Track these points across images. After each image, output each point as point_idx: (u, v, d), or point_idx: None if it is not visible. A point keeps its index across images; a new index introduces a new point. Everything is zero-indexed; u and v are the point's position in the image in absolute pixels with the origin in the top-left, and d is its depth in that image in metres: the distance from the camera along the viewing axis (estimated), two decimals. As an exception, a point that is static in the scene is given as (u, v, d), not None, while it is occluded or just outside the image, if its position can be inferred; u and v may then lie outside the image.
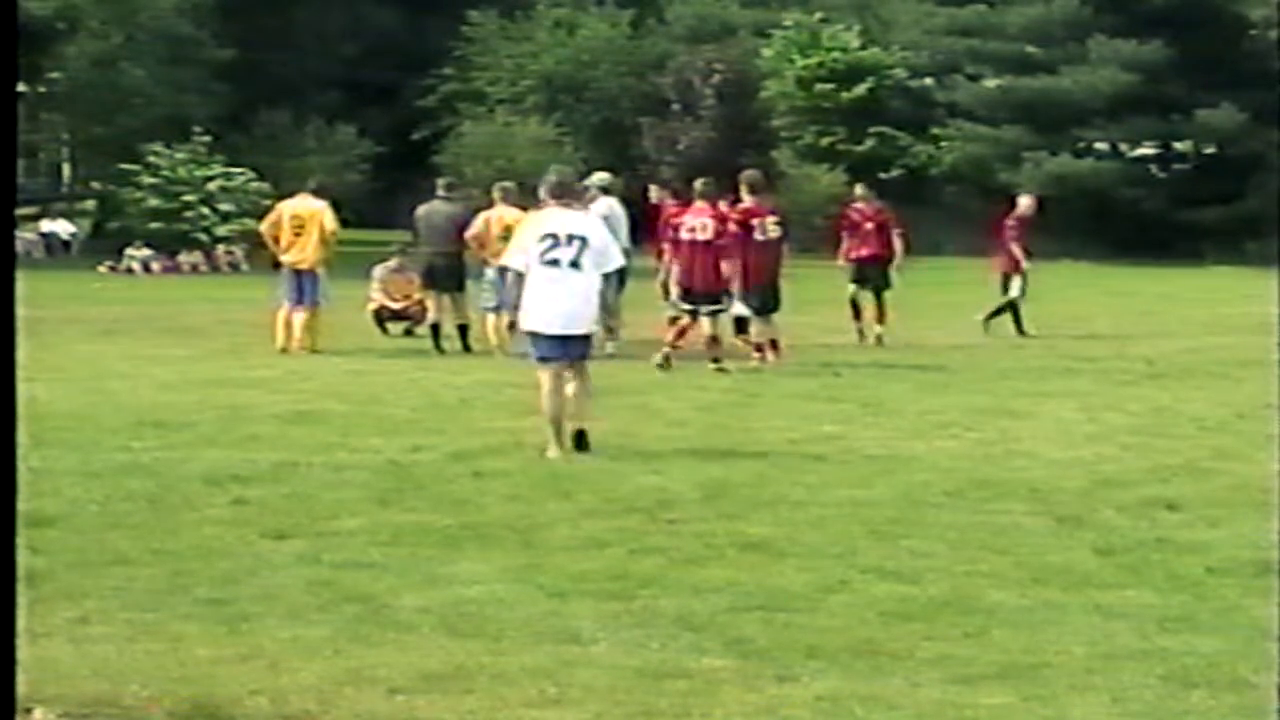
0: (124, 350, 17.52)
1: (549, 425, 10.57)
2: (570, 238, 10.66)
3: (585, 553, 7.58)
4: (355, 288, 20.02)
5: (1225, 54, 46.12)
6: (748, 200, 16.87)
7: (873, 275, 19.05)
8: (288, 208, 17.75)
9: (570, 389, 10.66)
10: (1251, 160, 43.94)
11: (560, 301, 10.57)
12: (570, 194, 11.30)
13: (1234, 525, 8.25)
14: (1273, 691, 5.32)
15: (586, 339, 10.88)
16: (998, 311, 20.22)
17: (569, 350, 10.66)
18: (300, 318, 17.17)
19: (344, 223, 18.59)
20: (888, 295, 19.04)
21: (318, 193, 17.98)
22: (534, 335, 10.66)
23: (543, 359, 10.65)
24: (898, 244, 19.29)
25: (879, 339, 18.65)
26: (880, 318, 18.88)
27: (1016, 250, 20.17)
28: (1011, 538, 7.96)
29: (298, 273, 17.23)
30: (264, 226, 18.07)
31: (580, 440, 10.64)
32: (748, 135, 47.93)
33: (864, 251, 19.13)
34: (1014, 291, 20.21)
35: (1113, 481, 9.60)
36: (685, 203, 16.93)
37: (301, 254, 17.24)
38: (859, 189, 20.85)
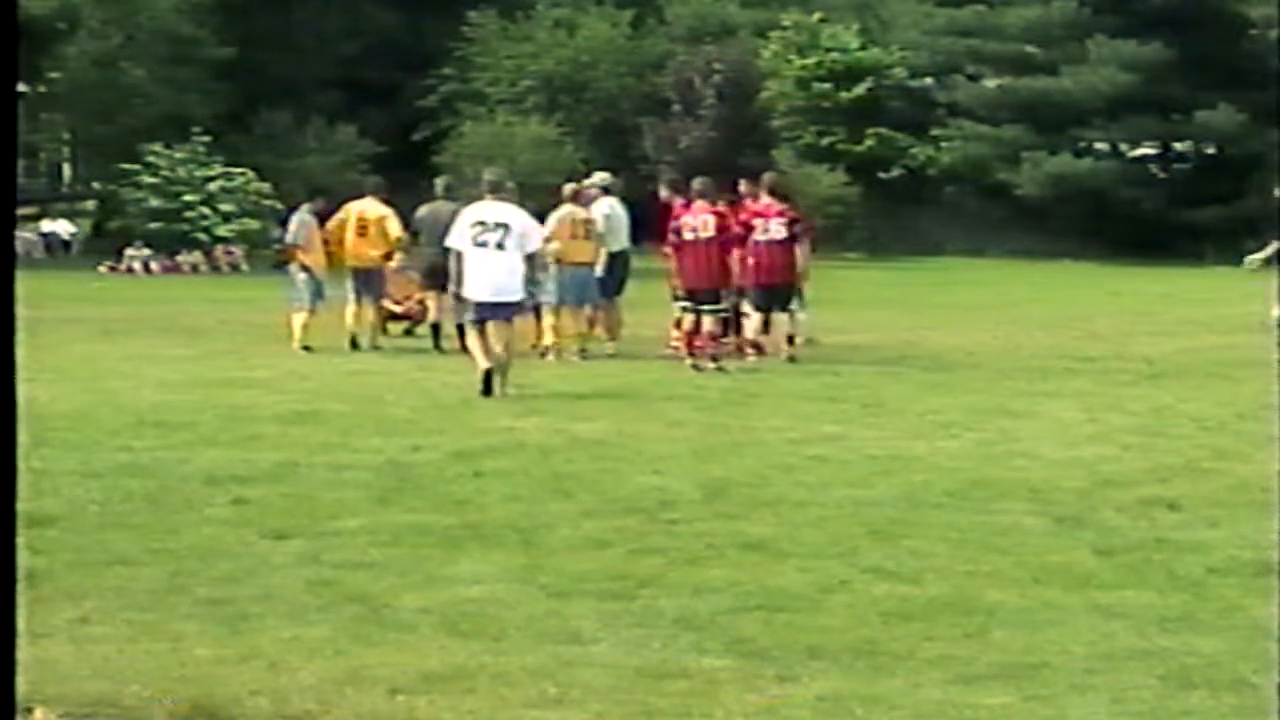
0: (124, 350, 17.52)
1: (477, 350, 13.23)
2: (496, 224, 13.31)
3: (585, 553, 7.57)
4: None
5: (1225, 54, 46.16)
6: (764, 200, 16.78)
7: None
8: (354, 209, 18.47)
9: (497, 346, 13.19)
10: (1251, 160, 43.94)
11: (488, 275, 13.24)
12: (501, 189, 13.80)
13: (1234, 525, 8.24)
14: (1273, 691, 5.31)
15: (511, 305, 13.54)
16: None
17: (498, 312, 13.32)
18: (377, 312, 18.10)
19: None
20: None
21: (380, 198, 18.68)
22: (468, 301, 13.47)
23: (475, 320, 13.42)
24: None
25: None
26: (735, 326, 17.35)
27: None
28: (1011, 538, 7.95)
29: (364, 271, 18.06)
30: (330, 225, 18.51)
31: (486, 381, 12.99)
32: (748, 135, 47.98)
33: None
34: None
35: (1113, 481, 9.58)
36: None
37: (366, 254, 18.06)
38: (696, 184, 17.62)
